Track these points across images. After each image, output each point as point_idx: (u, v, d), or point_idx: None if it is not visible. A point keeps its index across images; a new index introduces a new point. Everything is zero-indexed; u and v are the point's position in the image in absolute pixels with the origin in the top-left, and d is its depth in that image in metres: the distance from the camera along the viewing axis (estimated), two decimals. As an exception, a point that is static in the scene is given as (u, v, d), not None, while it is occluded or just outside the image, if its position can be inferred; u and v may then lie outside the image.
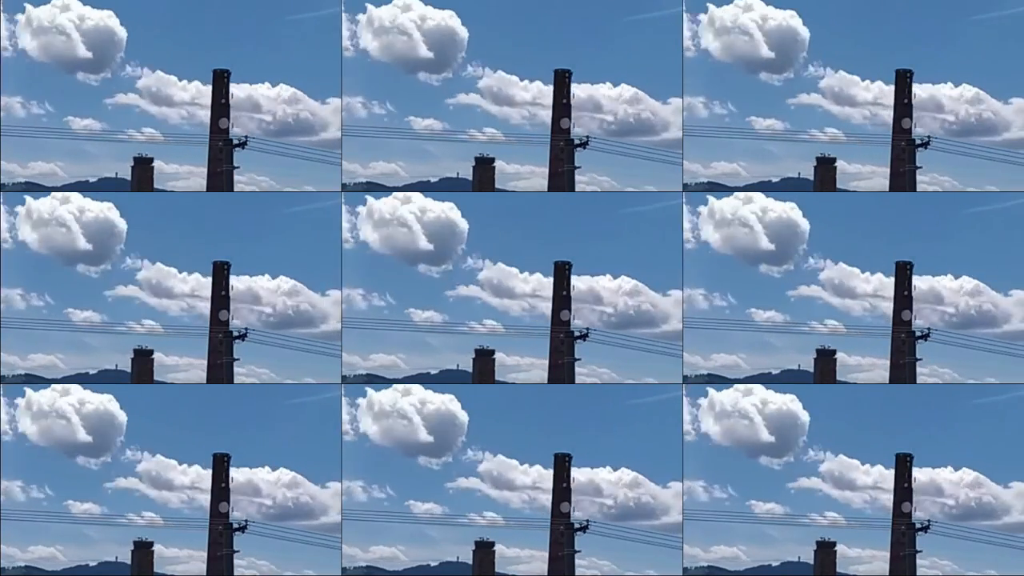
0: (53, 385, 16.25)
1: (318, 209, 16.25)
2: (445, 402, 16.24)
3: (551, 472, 16.18)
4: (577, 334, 16.33)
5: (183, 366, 16.32)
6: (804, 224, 16.24)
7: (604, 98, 16.38)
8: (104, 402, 16.26)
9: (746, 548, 16.11)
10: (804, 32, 16.29)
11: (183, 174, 16.38)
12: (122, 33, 16.45)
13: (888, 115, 16.29)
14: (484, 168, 16.32)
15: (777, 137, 16.22)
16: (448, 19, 16.42)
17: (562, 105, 16.39)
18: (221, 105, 16.42)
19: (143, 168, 16.35)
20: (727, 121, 16.23)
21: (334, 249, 16.27)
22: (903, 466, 16.07)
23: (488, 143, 16.31)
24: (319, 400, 16.16)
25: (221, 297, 16.37)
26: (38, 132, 16.34)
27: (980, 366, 16.14)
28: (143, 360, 16.28)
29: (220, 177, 16.37)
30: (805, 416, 16.12)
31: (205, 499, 16.22)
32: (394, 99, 16.37)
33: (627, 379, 16.17)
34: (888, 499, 16.07)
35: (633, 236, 16.22)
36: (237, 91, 16.41)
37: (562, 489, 16.20)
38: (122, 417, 16.24)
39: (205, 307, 16.34)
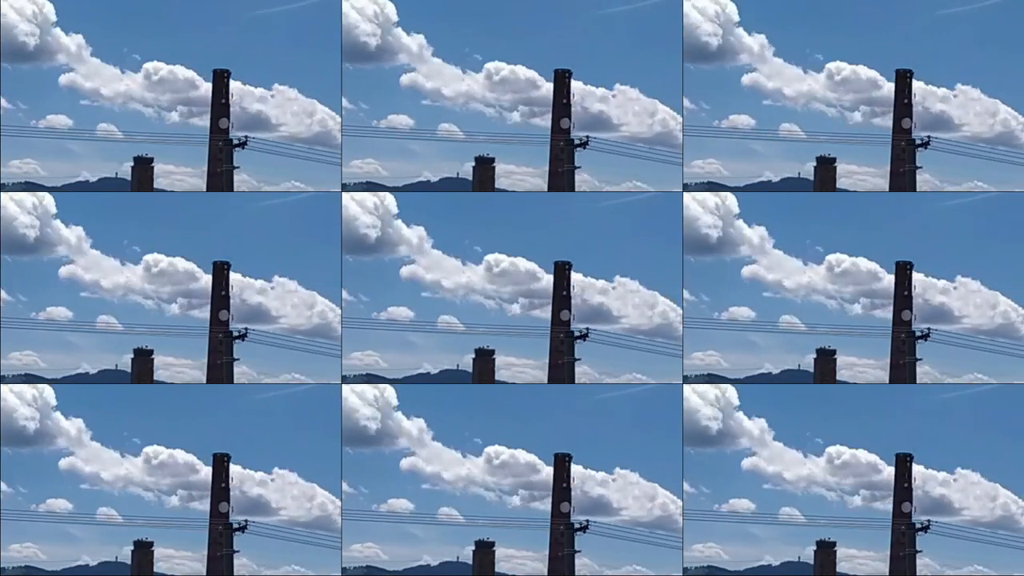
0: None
1: (284, 205, 16.29)
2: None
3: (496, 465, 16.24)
4: (577, 334, 16.33)
5: (162, 365, 16.36)
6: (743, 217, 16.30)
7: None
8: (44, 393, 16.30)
9: (723, 547, 16.15)
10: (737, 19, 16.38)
11: (161, 173, 16.40)
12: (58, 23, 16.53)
13: (827, 109, 16.35)
14: (484, 168, 16.32)
15: (783, 138, 16.24)
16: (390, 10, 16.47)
17: (562, 105, 16.39)
18: (221, 105, 16.41)
19: (143, 168, 16.34)
20: (687, 115, 16.27)
21: (317, 248, 16.31)
22: (903, 466, 16.09)
23: (481, 143, 16.35)
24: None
25: (221, 297, 16.37)
26: (36, 132, 16.35)
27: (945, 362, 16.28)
28: (143, 360, 16.28)
29: (220, 177, 16.37)
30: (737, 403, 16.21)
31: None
32: (356, 95, 16.41)
33: (625, 379, 16.18)
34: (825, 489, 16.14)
35: (609, 234, 16.27)
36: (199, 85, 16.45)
37: (562, 489, 16.21)
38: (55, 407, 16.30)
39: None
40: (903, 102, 16.30)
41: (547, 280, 16.31)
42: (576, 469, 16.15)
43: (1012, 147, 16.26)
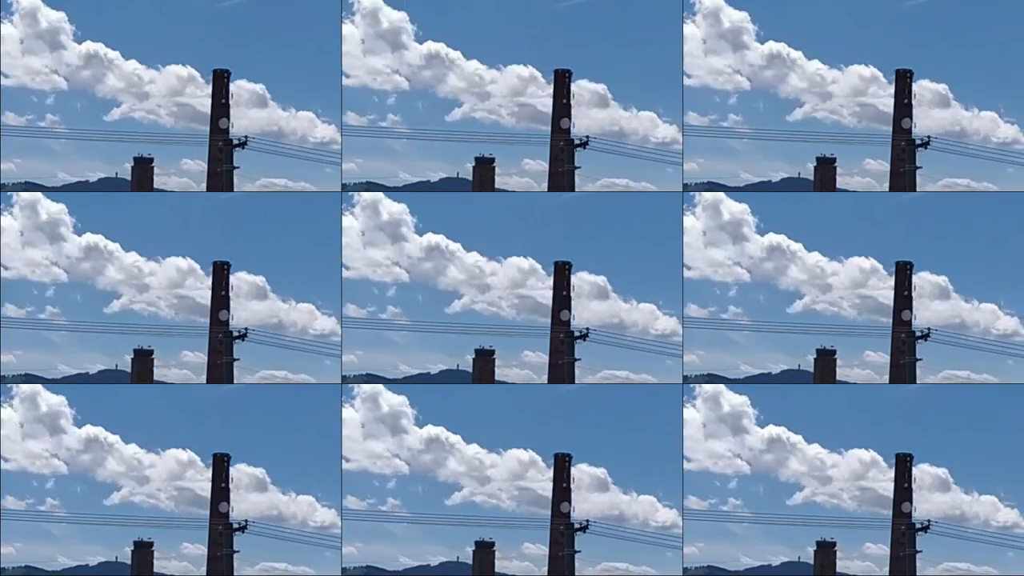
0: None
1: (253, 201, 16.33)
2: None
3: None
4: (577, 334, 16.34)
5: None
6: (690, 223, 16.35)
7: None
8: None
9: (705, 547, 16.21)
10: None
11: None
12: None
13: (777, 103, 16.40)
14: (484, 168, 16.34)
15: (785, 138, 16.28)
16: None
17: (562, 105, 16.40)
18: (221, 105, 16.42)
19: (142, 168, 16.36)
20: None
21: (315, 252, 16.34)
22: (903, 466, 16.10)
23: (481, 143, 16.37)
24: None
25: (221, 297, 16.38)
26: (38, 132, 16.37)
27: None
28: (143, 360, 16.29)
29: (220, 177, 16.38)
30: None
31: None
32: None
33: (624, 379, 16.20)
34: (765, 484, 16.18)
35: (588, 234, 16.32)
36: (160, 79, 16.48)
37: (562, 489, 16.22)
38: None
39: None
40: (903, 102, 16.31)
41: (491, 270, 16.35)
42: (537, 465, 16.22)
43: (972, 144, 16.26)
